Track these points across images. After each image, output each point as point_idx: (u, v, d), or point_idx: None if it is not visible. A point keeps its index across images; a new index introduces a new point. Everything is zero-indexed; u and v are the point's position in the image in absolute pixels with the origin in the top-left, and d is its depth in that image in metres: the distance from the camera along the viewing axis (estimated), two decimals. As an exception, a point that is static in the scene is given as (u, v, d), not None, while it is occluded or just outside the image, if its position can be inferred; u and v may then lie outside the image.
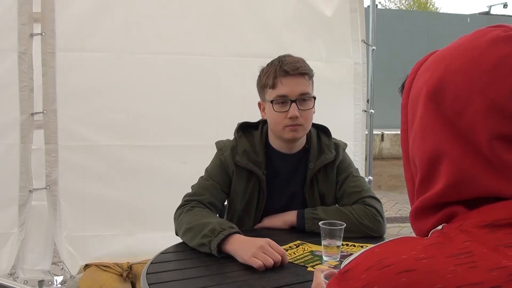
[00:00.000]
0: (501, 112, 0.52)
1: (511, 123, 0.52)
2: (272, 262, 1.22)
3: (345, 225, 1.33)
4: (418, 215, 0.60)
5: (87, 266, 2.45)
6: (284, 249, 1.30)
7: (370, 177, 2.86)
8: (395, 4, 23.72)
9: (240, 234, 1.34)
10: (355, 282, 0.51)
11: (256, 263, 1.22)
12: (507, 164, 0.52)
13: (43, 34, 2.30)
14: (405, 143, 0.65)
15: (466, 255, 0.48)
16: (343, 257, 1.32)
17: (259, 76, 1.60)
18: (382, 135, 9.53)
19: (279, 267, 1.24)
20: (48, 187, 2.38)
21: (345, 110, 2.81)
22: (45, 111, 2.34)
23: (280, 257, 1.24)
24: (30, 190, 2.34)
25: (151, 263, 1.32)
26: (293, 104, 1.51)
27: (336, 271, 0.91)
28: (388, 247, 0.54)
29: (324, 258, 1.32)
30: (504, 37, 0.55)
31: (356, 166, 1.75)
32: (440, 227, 0.57)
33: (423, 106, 0.59)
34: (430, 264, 0.48)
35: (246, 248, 1.27)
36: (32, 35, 2.28)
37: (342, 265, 0.57)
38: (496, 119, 0.53)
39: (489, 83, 0.53)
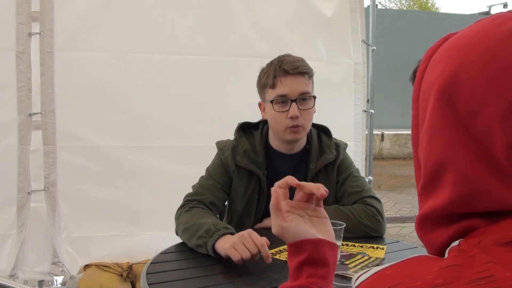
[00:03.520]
0: None
1: None
2: (250, 255, 1.21)
3: (345, 225, 1.32)
4: (426, 225, 0.54)
5: (87, 266, 2.45)
6: (284, 249, 1.29)
7: (370, 177, 2.86)
8: (395, 4, 23.76)
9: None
10: None
11: (235, 256, 1.21)
12: None
13: (42, 33, 2.29)
14: (416, 140, 0.57)
15: (487, 279, 0.43)
16: (343, 257, 1.32)
17: (259, 76, 1.59)
18: (382, 135, 9.53)
19: (279, 266, 1.23)
20: (46, 188, 2.37)
21: (345, 110, 2.80)
22: (43, 112, 2.33)
23: (256, 249, 1.22)
24: (28, 192, 2.32)
25: (151, 263, 1.31)
26: (293, 104, 1.50)
27: None
28: (401, 269, 0.49)
29: (325, 258, 1.31)
30: None
31: (356, 166, 1.74)
32: (457, 242, 0.50)
33: (433, 104, 0.52)
34: None
35: (229, 240, 1.26)
36: (30, 34, 2.26)
37: (352, 282, 0.53)
38: None
39: (509, 82, 0.46)
